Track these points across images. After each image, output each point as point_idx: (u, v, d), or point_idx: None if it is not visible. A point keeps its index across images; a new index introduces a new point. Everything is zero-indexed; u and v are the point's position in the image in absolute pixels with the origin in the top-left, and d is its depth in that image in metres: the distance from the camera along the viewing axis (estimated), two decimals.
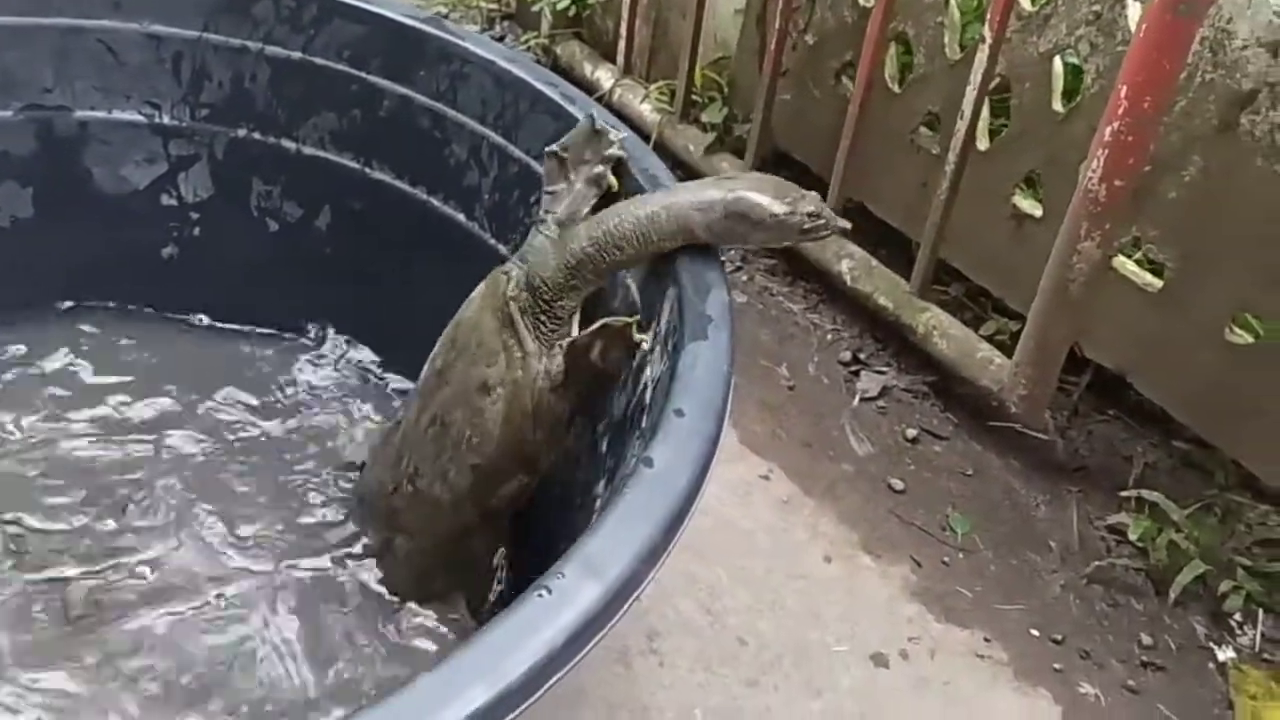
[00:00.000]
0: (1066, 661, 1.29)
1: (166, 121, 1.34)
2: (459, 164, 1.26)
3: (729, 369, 0.88)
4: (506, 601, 0.71)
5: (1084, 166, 1.32)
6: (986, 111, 1.54)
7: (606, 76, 2.13)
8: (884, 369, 1.67)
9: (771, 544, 1.39)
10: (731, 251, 1.88)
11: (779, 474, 1.49)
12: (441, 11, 2.49)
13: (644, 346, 0.91)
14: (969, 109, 1.49)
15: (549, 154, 1.07)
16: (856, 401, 1.62)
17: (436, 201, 1.30)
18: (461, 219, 1.28)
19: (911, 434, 1.57)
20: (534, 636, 0.64)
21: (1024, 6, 1.49)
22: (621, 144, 1.06)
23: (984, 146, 1.57)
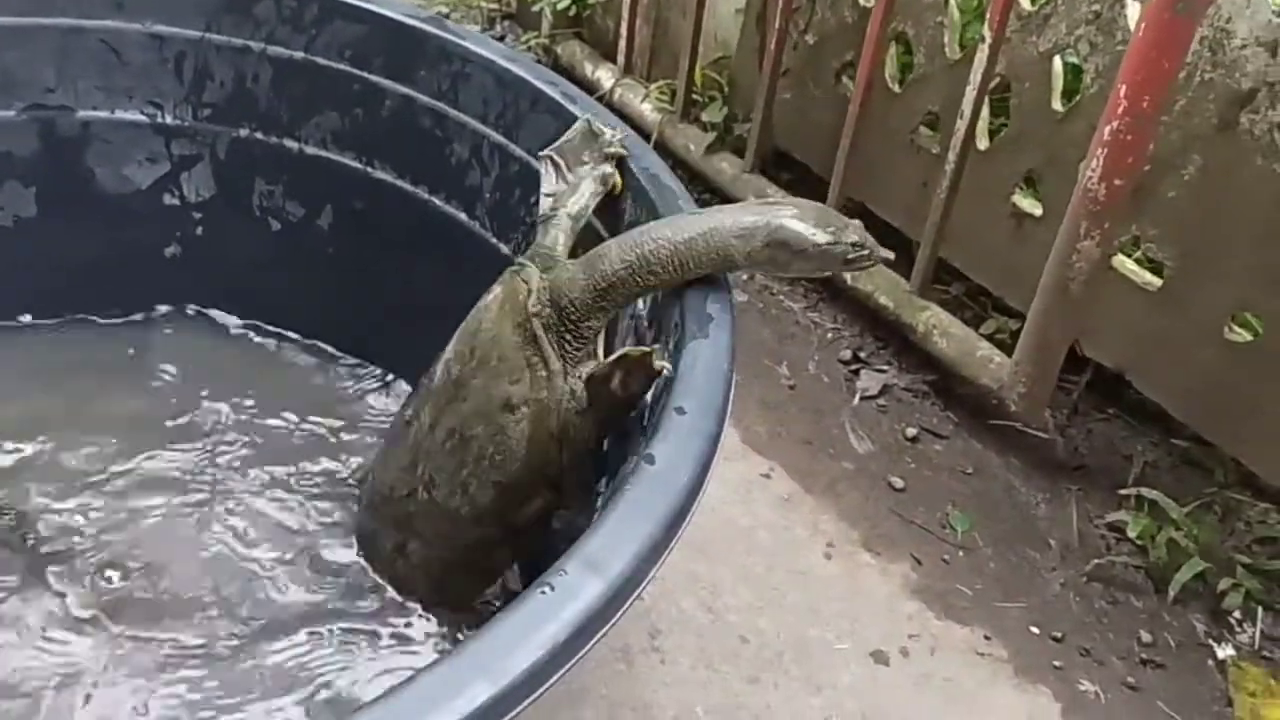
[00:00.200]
0: (1066, 659, 1.30)
1: (169, 121, 1.35)
2: (460, 163, 1.27)
3: (730, 368, 0.89)
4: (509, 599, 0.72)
5: (1083, 166, 1.32)
6: (986, 111, 1.55)
7: (607, 76, 2.14)
8: (884, 368, 1.68)
9: (772, 542, 1.40)
10: None
11: (780, 472, 1.49)
12: (442, 11, 2.50)
13: (665, 373, 0.87)
14: (969, 108, 1.49)
15: (544, 158, 1.06)
16: (857, 400, 1.63)
17: (438, 201, 1.30)
18: (463, 218, 1.29)
19: (912, 432, 1.58)
20: (536, 633, 0.64)
21: (1024, 6, 1.49)
22: (621, 142, 1.06)
23: (984, 146, 1.57)
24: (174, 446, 1.27)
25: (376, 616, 1.13)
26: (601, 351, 1.00)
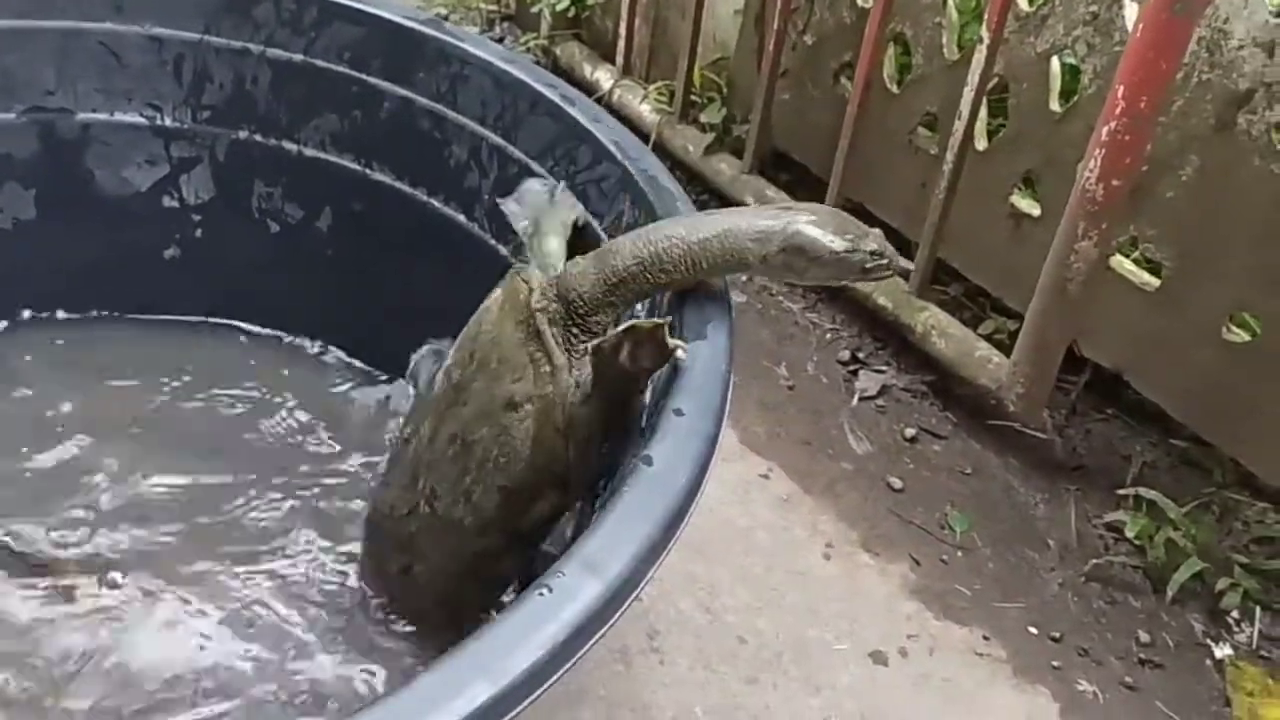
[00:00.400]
0: (1065, 659, 1.30)
1: (168, 123, 1.35)
2: (459, 165, 1.27)
3: (728, 368, 0.89)
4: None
5: (1081, 166, 1.33)
6: (984, 111, 1.55)
7: (606, 77, 2.14)
8: (883, 368, 1.68)
9: (771, 542, 1.40)
10: None
11: (778, 473, 1.50)
12: (441, 13, 2.50)
13: (679, 355, 0.85)
14: (967, 109, 1.49)
15: (503, 202, 1.05)
16: (855, 400, 1.63)
17: (437, 203, 1.30)
18: (462, 220, 1.29)
19: (910, 433, 1.58)
20: (535, 634, 0.64)
21: (1022, 7, 1.49)
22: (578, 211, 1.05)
23: (982, 146, 1.58)
24: (171, 448, 1.27)
25: (373, 636, 1.12)
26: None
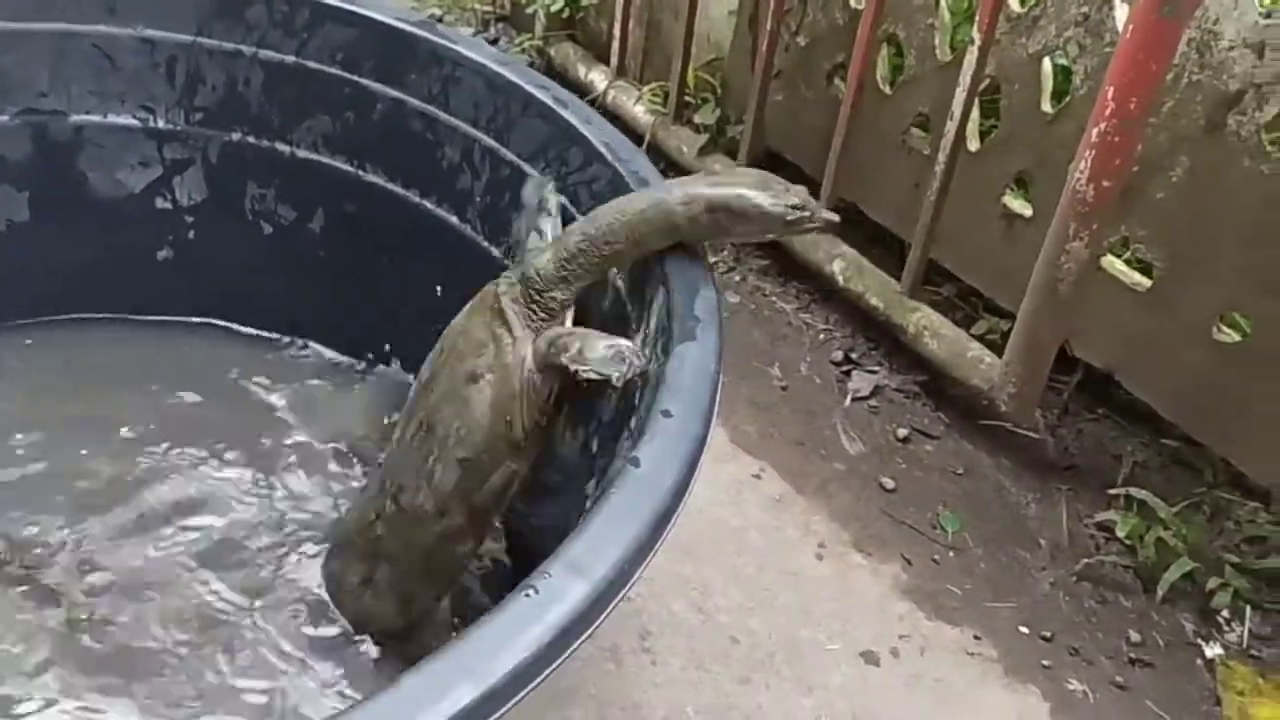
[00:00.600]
0: (1055, 658, 1.31)
1: (161, 125, 1.35)
2: (451, 167, 1.27)
3: (716, 370, 0.89)
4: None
5: (1072, 167, 1.33)
6: (976, 112, 1.55)
7: (600, 78, 2.14)
8: (875, 368, 1.68)
9: (763, 542, 1.40)
10: (724, 252, 1.89)
11: (771, 473, 1.50)
12: (436, 14, 2.51)
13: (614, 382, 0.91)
14: (959, 110, 1.50)
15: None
16: (848, 401, 1.63)
17: (429, 204, 1.30)
18: (454, 221, 1.29)
19: (903, 433, 1.58)
20: (521, 636, 0.65)
21: (1013, 8, 1.50)
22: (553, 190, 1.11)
23: (974, 147, 1.58)
24: (164, 449, 1.28)
25: (341, 648, 1.12)
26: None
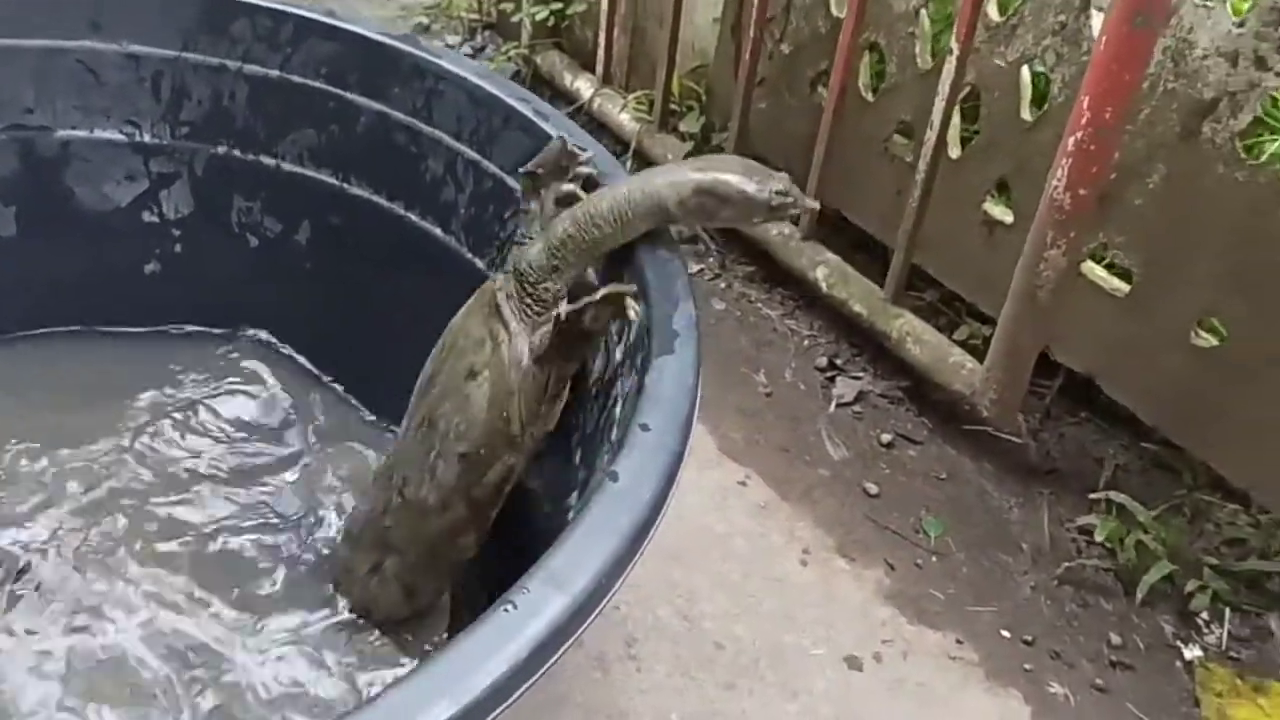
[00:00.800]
0: (1037, 662, 1.32)
1: (147, 140, 1.37)
2: (435, 179, 1.28)
3: (695, 383, 0.90)
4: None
5: (1049, 175, 1.34)
6: (957, 119, 1.57)
7: (586, 86, 2.15)
8: (860, 374, 1.70)
9: (748, 549, 1.42)
10: (710, 259, 1.90)
11: (756, 479, 1.51)
12: (423, 21, 2.52)
13: (632, 316, 0.93)
14: (938, 118, 1.51)
15: (523, 174, 1.09)
16: (833, 407, 1.65)
17: (414, 216, 1.31)
18: (438, 233, 1.30)
19: (886, 438, 1.60)
20: (498, 652, 0.66)
21: (992, 17, 1.51)
22: (591, 162, 1.08)
23: (956, 154, 1.59)
24: (154, 463, 1.29)
25: (348, 638, 1.14)
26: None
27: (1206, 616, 1.37)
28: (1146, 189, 1.41)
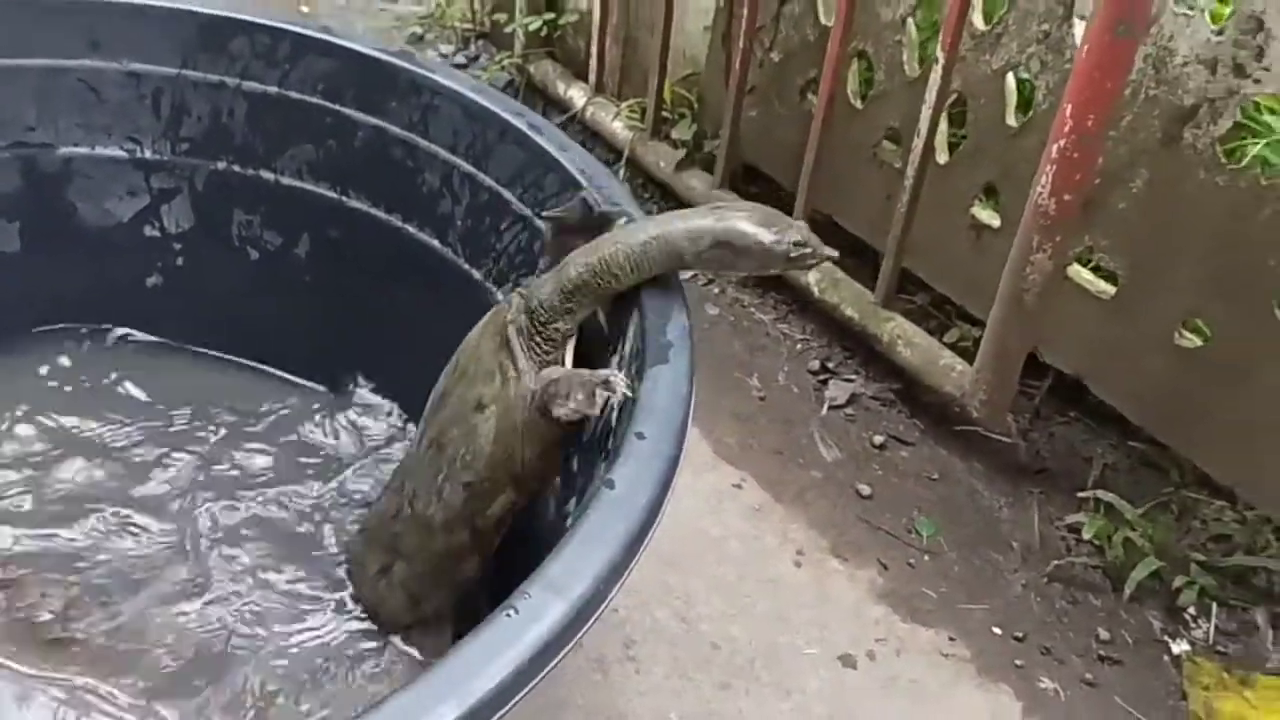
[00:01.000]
0: (1027, 658, 1.35)
1: (148, 156, 1.39)
2: (432, 192, 1.31)
3: (689, 392, 0.93)
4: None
5: (1034, 182, 1.37)
6: (945, 126, 1.60)
7: (579, 95, 2.18)
8: (852, 377, 1.72)
9: (743, 551, 1.44)
10: None
11: (751, 482, 1.54)
12: (417, 31, 2.54)
13: (621, 395, 0.92)
14: (926, 124, 1.54)
15: (547, 220, 1.09)
16: (825, 410, 1.67)
17: (411, 228, 1.34)
18: (436, 244, 1.33)
19: (878, 440, 1.62)
20: (501, 655, 0.68)
21: (977, 26, 1.54)
22: (618, 216, 1.08)
23: (943, 160, 1.62)
24: (156, 474, 1.31)
25: (353, 640, 1.17)
26: (570, 358, 1.04)
27: (1193, 611, 1.40)
28: (1130, 194, 1.43)
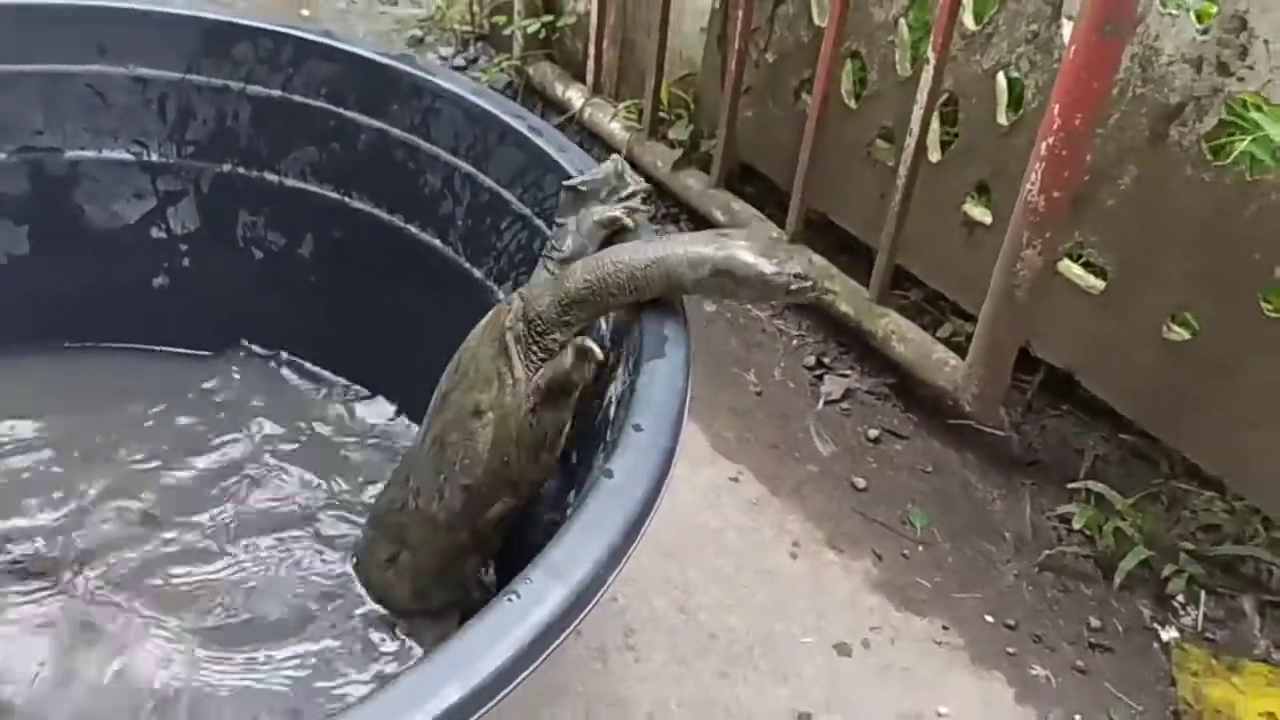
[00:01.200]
0: (1019, 645, 1.37)
1: (154, 159, 1.41)
2: (433, 193, 1.34)
3: (685, 385, 0.95)
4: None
5: (1024, 179, 1.40)
6: (937, 125, 1.62)
7: (577, 96, 2.21)
8: (847, 372, 1.75)
9: (741, 543, 1.47)
10: None
11: (748, 476, 1.57)
12: (417, 34, 2.57)
13: (599, 356, 0.98)
14: (918, 123, 1.56)
15: (566, 187, 1.10)
16: (821, 404, 1.70)
17: (414, 229, 1.37)
18: (438, 244, 1.35)
19: (873, 434, 1.65)
20: (504, 638, 0.71)
21: (968, 26, 1.56)
22: (645, 194, 1.10)
23: (935, 158, 1.65)
24: (163, 471, 1.33)
25: (360, 626, 1.19)
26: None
27: (1182, 599, 1.43)
28: (1118, 190, 1.46)
